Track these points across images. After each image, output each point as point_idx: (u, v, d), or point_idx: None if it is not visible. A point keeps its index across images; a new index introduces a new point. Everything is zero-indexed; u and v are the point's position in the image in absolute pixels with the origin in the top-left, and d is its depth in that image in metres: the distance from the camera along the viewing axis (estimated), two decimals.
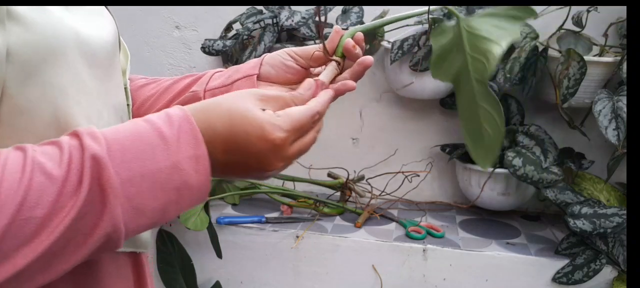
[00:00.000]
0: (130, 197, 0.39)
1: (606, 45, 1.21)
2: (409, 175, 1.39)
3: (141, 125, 0.41)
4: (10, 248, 0.35)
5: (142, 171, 0.39)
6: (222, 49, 1.33)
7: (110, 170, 0.38)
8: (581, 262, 1.12)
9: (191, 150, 0.41)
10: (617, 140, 1.04)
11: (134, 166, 0.39)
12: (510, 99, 1.32)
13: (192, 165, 0.41)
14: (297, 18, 1.25)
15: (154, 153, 0.40)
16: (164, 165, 0.40)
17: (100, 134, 0.39)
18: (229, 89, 0.61)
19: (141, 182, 0.39)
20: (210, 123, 0.43)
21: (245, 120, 0.43)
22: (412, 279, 1.20)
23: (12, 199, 0.35)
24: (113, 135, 0.40)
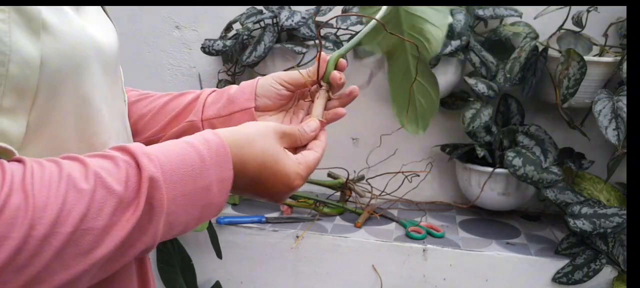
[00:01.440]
0: (169, 214, 0.41)
1: (606, 45, 1.21)
2: (408, 175, 1.39)
3: (185, 148, 0.44)
4: (70, 257, 0.36)
5: (183, 191, 0.42)
6: (222, 49, 1.33)
7: (163, 191, 0.40)
8: (581, 262, 1.12)
9: (221, 173, 0.45)
10: (617, 140, 1.04)
11: (178, 187, 0.42)
12: (510, 98, 1.32)
13: (219, 186, 0.45)
14: (297, 18, 1.25)
15: (194, 175, 0.43)
16: (199, 186, 0.43)
17: (153, 155, 0.42)
18: (227, 120, 0.64)
19: (180, 201, 0.42)
20: (243, 159, 0.47)
21: (276, 166, 0.49)
22: (412, 279, 1.20)
23: (78, 209, 0.36)
24: (165, 157, 0.42)
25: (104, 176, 0.38)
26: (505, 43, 1.28)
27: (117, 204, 0.38)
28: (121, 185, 0.39)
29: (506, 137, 1.27)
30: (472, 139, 1.28)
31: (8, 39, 0.38)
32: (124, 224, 0.38)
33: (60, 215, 0.35)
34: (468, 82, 1.21)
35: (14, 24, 0.39)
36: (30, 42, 0.39)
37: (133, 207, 0.39)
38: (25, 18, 0.39)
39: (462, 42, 1.19)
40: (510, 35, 1.24)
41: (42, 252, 0.35)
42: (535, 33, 1.24)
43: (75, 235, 0.36)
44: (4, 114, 0.39)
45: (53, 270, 0.36)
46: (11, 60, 0.38)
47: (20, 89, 0.40)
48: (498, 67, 1.24)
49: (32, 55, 0.40)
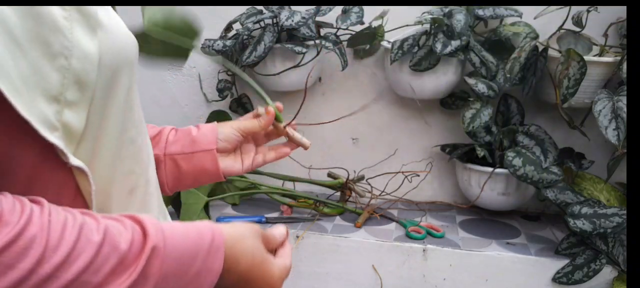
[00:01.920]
0: (159, 286, 0.41)
1: (606, 45, 1.21)
2: (408, 175, 1.40)
3: (194, 228, 0.45)
4: None
5: (176, 272, 0.42)
6: (222, 49, 1.33)
7: (161, 263, 0.41)
8: (581, 262, 1.12)
9: (213, 263, 0.45)
10: (617, 140, 1.04)
11: (173, 265, 0.42)
12: (510, 98, 1.32)
13: (207, 277, 0.45)
14: (297, 18, 1.25)
15: (194, 257, 0.44)
16: (192, 272, 0.44)
17: (160, 226, 0.43)
18: (190, 157, 0.72)
19: (170, 281, 0.42)
20: (236, 255, 0.48)
21: (263, 266, 0.51)
22: (412, 279, 1.20)
23: (83, 258, 0.37)
24: (174, 231, 0.43)
25: (113, 233, 0.39)
26: (505, 43, 1.28)
27: (118, 263, 0.38)
28: (126, 245, 0.39)
29: (506, 137, 1.27)
30: (472, 139, 1.28)
31: (70, 34, 0.40)
32: (119, 284, 0.38)
33: (68, 260, 0.36)
34: (468, 82, 1.21)
35: (75, 21, 0.41)
36: (89, 39, 0.42)
37: (130, 271, 0.39)
38: (84, 16, 0.42)
39: (462, 42, 1.19)
40: (510, 35, 1.24)
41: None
42: (535, 33, 1.24)
43: (73, 284, 0.36)
44: (68, 106, 0.41)
45: None
46: (73, 54, 0.40)
47: (82, 83, 0.42)
48: (498, 67, 1.24)
49: (92, 51, 0.42)
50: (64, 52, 0.40)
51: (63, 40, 0.40)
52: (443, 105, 1.36)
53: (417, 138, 1.45)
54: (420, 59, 1.24)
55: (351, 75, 1.43)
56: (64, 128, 0.41)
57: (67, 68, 0.40)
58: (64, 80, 0.40)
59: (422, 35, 1.26)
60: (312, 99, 1.47)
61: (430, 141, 1.45)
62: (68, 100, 0.41)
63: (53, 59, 0.39)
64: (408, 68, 1.25)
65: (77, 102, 0.42)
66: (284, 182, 1.43)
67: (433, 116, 1.43)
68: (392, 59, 1.24)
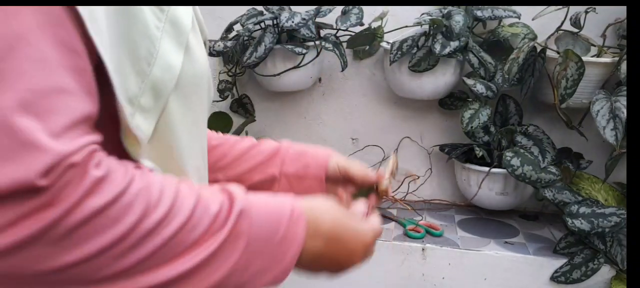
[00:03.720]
0: (249, 252, 0.42)
1: (604, 45, 1.22)
2: (408, 177, 1.40)
3: (273, 198, 0.46)
4: (159, 261, 0.37)
5: (264, 235, 0.43)
6: (223, 50, 1.34)
7: (249, 224, 0.42)
8: (579, 261, 1.13)
9: (296, 228, 0.45)
10: (615, 140, 1.04)
11: (263, 227, 0.43)
12: (508, 99, 1.32)
13: (293, 243, 0.45)
14: (297, 19, 1.26)
15: (277, 222, 0.44)
16: (278, 238, 0.44)
17: (244, 193, 0.44)
18: (301, 180, 0.71)
19: (260, 242, 0.43)
20: (318, 218, 0.48)
21: (347, 223, 0.51)
22: (411, 278, 1.21)
23: (180, 217, 0.38)
24: (256, 197, 0.45)
25: (205, 196, 0.41)
26: (504, 44, 1.28)
27: (210, 224, 0.40)
28: (216, 207, 0.41)
29: (504, 137, 1.27)
30: (471, 139, 1.29)
31: (158, 44, 0.42)
32: (208, 245, 0.39)
33: (167, 217, 0.37)
34: (467, 82, 1.22)
35: (166, 33, 0.43)
36: (175, 53, 0.44)
37: (220, 231, 0.40)
38: (176, 31, 0.44)
39: (460, 43, 1.20)
40: (509, 36, 1.24)
41: (141, 246, 0.36)
42: (534, 34, 1.24)
43: (171, 241, 0.37)
44: (140, 111, 0.42)
45: (140, 269, 0.36)
46: (156, 63, 0.42)
47: (158, 91, 0.43)
48: (496, 68, 1.24)
49: (175, 64, 0.43)
50: (148, 58, 0.41)
51: (150, 47, 0.41)
52: (442, 105, 1.37)
53: (417, 138, 1.46)
54: (419, 60, 1.24)
55: (351, 75, 1.44)
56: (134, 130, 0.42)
57: (147, 74, 0.42)
58: (142, 84, 0.41)
59: (421, 36, 1.27)
60: (312, 99, 1.48)
61: (429, 141, 1.45)
62: (141, 105, 0.42)
63: (136, 61, 0.41)
64: (407, 69, 1.26)
65: (149, 109, 0.43)
66: None
67: (432, 116, 1.44)
68: (392, 60, 1.24)
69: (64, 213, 0.33)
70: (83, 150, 0.34)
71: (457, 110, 1.33)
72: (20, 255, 0.32)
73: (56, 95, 0.34)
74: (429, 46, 1.23)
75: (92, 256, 0.34)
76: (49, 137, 0.32)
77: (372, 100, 1.46)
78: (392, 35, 1.33)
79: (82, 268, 0.34)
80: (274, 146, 0.73)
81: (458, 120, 1.22)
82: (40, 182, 0.32)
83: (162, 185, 0.39)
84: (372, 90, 1.45)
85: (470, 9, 1.26)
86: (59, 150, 0.33)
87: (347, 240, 0.51)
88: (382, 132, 1.47)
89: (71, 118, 0.34)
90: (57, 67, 0.34)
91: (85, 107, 0.36)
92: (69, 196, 0.33)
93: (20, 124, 0.32)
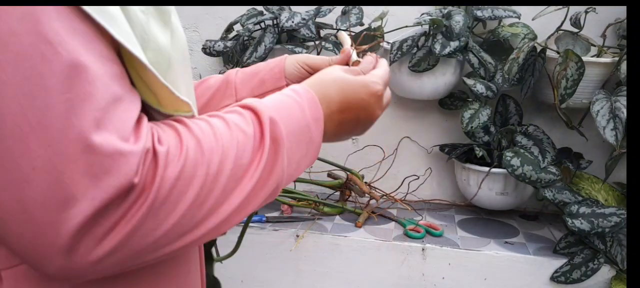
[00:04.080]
0: (287, 148, 0.47)
1: (604, 45, 1.22)
2: (408, 177, 1.40)
3: (280, 96, 0.51)
4: (230, 189, 0.43)
5: (293, 128, 0.48)
6: (223, 50, 1.34)
7: (281, 127, 0.47)
8: (579, 261, 1.13)
9: (315, 112, 0.51)
10: (615, 140, 1.04)
11: (289, 124, 0.48)
12: (508, 99, 1.32)
13: (315, 124, 0.51)
14: (297, 19, 1.26)
15: (296, 115, 0.49)
16: (302, 124, 0.50)
17: (264, 101, 0.49)
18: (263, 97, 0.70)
19: (292, 137, 0.48)
20: (325, 92, 0.54)
21: (352, 82, 0.56)
22: (411, 278, 1.21)
23: (232, 150, 0.43)
24: (271, 102, 0.49)
25: (239, 123, 0.45)
26: (504, 44, 1.28)
27: (253, 144, 0.45)
28: (251, 128, 0.45)
29: (504, 137, 1.27)
30: (471, 139, 1.29)
31: (147, 27, 0.43)
32: (260, 159, 0.45)
33: (223, 155, 0.42)
34: (467, 82, 1.22)
35: (151, 15, 0.44)
36: (162, 33, 0.45)
37: (262, 145, 0.45)
38: (159, 11, 0.45)
39: (460, 43, 1.20)
40: (509, 36, 1.24)
41: (215, 187, 0.42)
42: (534, 34, 1.24)
43: (234, 171, 0.43)
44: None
45: (221, 201, 0.42)
46: (149, 46, 0.43)
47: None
48: (496, 68, 1.24)
49: (164, 44, 0.45)
50: (141, 42, 0.42)
51: (142, 33, 0.42)
52: (442, 105, 1.37)
53: (417, 138, 1.46)
54: (420, 60, 1.24)
55: None
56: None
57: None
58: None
59: (421, 36, 1.27)
60: None
61: (429, 141, 1.45)
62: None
63: (133, 47, 0.42)
64: (407, 69, 1.26)
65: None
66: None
67: (432, 116, 1.44)
68: (392, 60, 1.24)
69: (156, 191, 0.38)
70: (148, 138, 0.39)
71: (457, 110, 1.33)
72: (134, 238, 0.38)
73: (116, 104, 0.37)
74: (429, 46, 1.23)
75: (185, 211, 0.40)
76: (125, 142, 0.37)
77: None
78: (392, 35, 1.33)
79: (181, 223, 0.40)
80: (222, 77, 0.72)
81: (458, 120, 1.22)
82: (136, 179, 0.37)
83: (207, 132, 0.43)
84: None
85: (470, 9, 1.26)
86: (138, 148, 0.37)
87: (358, 97, 0.55)
88: (382, 132, 1.47)
89: (133, 118, 0.39)
90: (108, 80, 0.37)
91: (137, 103, 0.40)
92: (155, 177, 0.38)
93: (101, 141, 0.36)
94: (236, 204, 0.43)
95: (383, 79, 0.58)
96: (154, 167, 0.38)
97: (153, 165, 0.38)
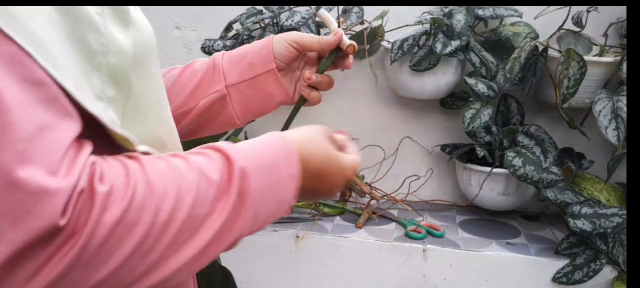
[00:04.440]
0: (255, 205, 0.44)
1: (606, 45, 1.21)
2: (409, 177, 1.40)
3: (260, 146, 0.47)
4: (181, 242, 0.39)
5: (267, 182, 0.45)
6: (222, 49, 1.33)
7: (251, 181, 0.43)
8: (581, 262, 1.12)
9: (291, 169, 0.48)
10: (617, 140, 1.04)
11: (264, 177, 0.45)
12: (510, 98, 1.32)
13: (290, 181, 0.48)
14: (297, 18, 1.25)
15: (274, 168, 0.46)
16: (274, 180, 0.46)
17: (238, 147, 0.45)
18: (252, 83, 0.68)
19: (263, 192, 0.44)
20: (308, 155, 0.50)
21: (334, 160, 0.53)
22: (412, 279, 1.20)
23: (189, 197, 0.39)
24: (247, 149, 0.46)
25: (204, 168, 0.41)
26: (505, 43, 1.28)
27: (216, 193, 0.41)
28: (218, 175, 0.41)
29: (506, 137, 1.27)
30: (472, 139, 1.29)
31: (105, 30, 0.40)
32: (220, 211, 0.41)
33: (177, 202, 0.38)
34: (468, 82, 1.21)
35: (108, 17, 0.41)
36: (123, 34, 0.42)
37: (227, 196, 0.41)
38: (116, 11, 0.42)
39: (462, 42, 1.19)
40: (510, 35, 1.24)
41: (162, 237, 0.38)
42: (535, 33, 1.24)
43: (187, 221, 0.39)
44: (109, 103, 0.41)
45: (168, 255, 0.38)
46: (109, 50, 0.40)
47: (118, 79, 0.42)
48: (498, 67, 1.24)
49: (126, 46, 0.42)
50: (101, 49, 0.40)
51: (100, 38, 0.40)
52: (443, 105, 1.36)
53: (417, 138, 1.45)
54: (420, 59, 1.24)
55: (351, 75, 1.43)
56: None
57: (105, 65, 0.40)
58: (103, 77, 0.40)
59: (422, 35, 1.26)
60: None
61: (430, 141, 1.45)
62: (108, 97, 0.41)
63: (92, 57, 0.39)
64: (408, 68, 1.25)
65: (115, 98, 0.42)
66: None
67: (433, 116, 1.44)
68: (392, 59, 1.24)
69: (88, 237, 0.34)
70: (84, 172, 0.35)
71: (459, 109, 1.32)
72: (62, 286, 0.34)
73: (42, 133, 0.34)
74: (430, 45, 1.22)
75: (123, 263, 0.36)
76: (52, 178, 0.33)
77: (373, 99, 1.45)
78: (393, 34, 1.32)
79: (116, 276, 0.36)
80: (208, 61, 0.69)
81: (459, 120, 1.22)
82: (61, 221, 0.33)
83: (163, 173, 0.39)
84: (372, 89, 1.44)
85: (471, 8, 1.25)
86: (66, 185, 0.33)
87: (332, 175, 0.53)
88: (383, 132, 1.46)
89: (63, 149, 0.34)
90: (32, 107, 0.34)
91: (69, 132, 0.36)
92: (87, 220, 0.34)
93: (25, 177, 0.32)
94: (188, 257, 0.39)
95: (354, 168, 0.57)
96: (88, 208, 0.34)
97: (88, 206, 0.34)
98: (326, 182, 0.53)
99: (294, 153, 0.48)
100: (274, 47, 0.68)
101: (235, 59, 0.68)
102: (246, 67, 0.68)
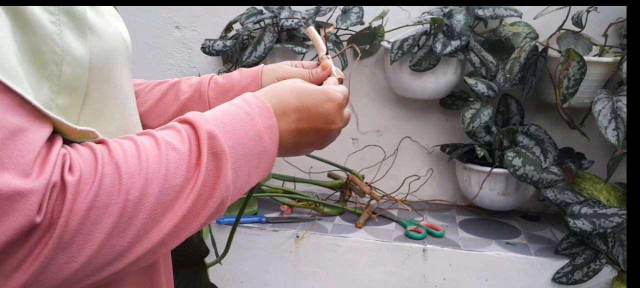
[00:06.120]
0: (233, 161, 0.45)
1: (606, 45, 1.21)
2: (409, 177, 1.39)
3: (228, 106, 0.49)
4: (160, 213, 0.40)
5: (238, 140, 0.46)
6: (222, 49, 1.34)
7: (222, 140, 0.44)
8: (581, 262, 1.12)
9: (266, 121, 0.49)
10: (616, 140, 1.04)
11: (233, 136, 0.46)
12: (510, 98, 1.32)
13: (268, 133, 0.49)
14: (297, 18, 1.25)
15: (243, 126, 0.47)
16: (251, 134, 0.47)
17: (204, 114, 0.46)
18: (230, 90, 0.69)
19: (238, 149, 0.46)
20: (280, 98, 0.51)
21: (311, 90, 0.53)
22: (411, 279, 1.20)
23: (159, 172, 0.41)
24: (212, 115, 0.47)
25: (171, 140, 0.43)
26: (505, 43, 1.28)
27: (188, 162, 0.42)
28: (185, 145, 0.43)
29: (506, 137, 1.27)
30: (472, 139, 1.29)
31: (60, 40, 0.40)
32: (197, 177, 0.42)
33: (147, 178, 0.40)
34: (468, 82, 1.21)
35: (64, 25, 0.40)
36: (79, 43, 0.42)
37: (199, 161, 0.43)
38: (73, 20, 0.42)
39: (462, 42, 1.19)
40: (510, 35, 1.24)
41: (138, 213, 0.39)
42: (535, 33, 1.24)
43: (162, 193, 0.40)
44: (60, 112, 0.41)
45: (149, 228, 0.40)
46: (64, 60, 0.40)
47: (73, 88, 0.42)
48: (498, 67, 1.24)
49: (82, 55, 0.42)
50: (54, 58, 0.40)
51: (53, 47, 0.39)
52: (443, 105, 1.37)
53: (417, 138, 1.45)
54: (420, 59, 1.24)
55: (351, 75, 1.44)
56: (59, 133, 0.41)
57: (57, 75, 0.40)
58: (54, 87, 0.40)
59: (422, 36, 1.26)
60: None
61: (430, 141, 1.45)
62: (59, 106, 0.41)
63: (44, 67, 0.39)
64: (408, 68, 1.25)
65: (68, 108, 0.42)
66: (284, 182, 1.43)
67: (433, 116, 1.44)
68: (392, 59, 1.24)
69: (63, 226, 0.36)
70: (56, 168, 0.36)
71: (458, 109, 1.32)
72: (47, 273, 0.36)
73: (14, 137, 0.35)
74: (430, 45, 1.22)
75: (103, 242, 0.38)
76: (25, 179, 0.34)
77: (373, 99, 1.45)
78: (393, 35, 1.32)
79: (100, 254, 0.38)
80: (194, 85, 0.69)
81: (459, 120, 1.22)
82: (38, 218, 0.35)
83: (131, 152, 0.41)
84: (372, 89, 1.44)
85: (471, 8, 1.25)
86: (39, 184, 0.35)
87: (317, 105, 0.53)
88: (383, 132, 1.46)
89: (35, 151, 0.36)
90: (2, 114, 0.35)
91: (41, 132, 0.37)
92: (62, 210, 0.36)
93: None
94: (170, 226, 0.41)
95: (343, 92, 0.56)
96: (61, 199, 0.36)
97: (61, 198, 0.36)
98: (315, 113, 0.53)
99: (266, 106, 0.49)
100: (263, 82, 0.68)
101: (222, 90, 0.68)
102: (228, 88, 0.68)
